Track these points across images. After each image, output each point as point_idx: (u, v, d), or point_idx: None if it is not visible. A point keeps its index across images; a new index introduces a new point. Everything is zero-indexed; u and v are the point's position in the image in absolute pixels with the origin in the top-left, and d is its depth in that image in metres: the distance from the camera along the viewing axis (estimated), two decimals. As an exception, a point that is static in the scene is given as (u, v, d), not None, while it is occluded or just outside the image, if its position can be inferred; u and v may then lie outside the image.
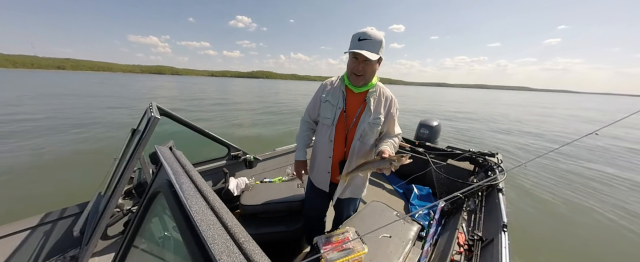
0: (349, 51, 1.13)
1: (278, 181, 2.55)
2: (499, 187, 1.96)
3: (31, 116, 9.16)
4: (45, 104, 12.80)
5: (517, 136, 10.03)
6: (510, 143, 8.63)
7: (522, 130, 11.62)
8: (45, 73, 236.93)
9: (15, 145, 5.74)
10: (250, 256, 0.40)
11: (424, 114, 16.02)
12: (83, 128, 7.66)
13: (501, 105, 29.97)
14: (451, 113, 17.79)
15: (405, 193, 2.85)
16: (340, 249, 1.11)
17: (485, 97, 66.84)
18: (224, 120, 10.39)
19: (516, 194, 4.25)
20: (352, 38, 1.12)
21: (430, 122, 3.26)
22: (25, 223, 1.25)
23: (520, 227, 3.18)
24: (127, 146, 1.57)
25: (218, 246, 0.40)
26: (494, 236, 1.51)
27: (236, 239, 0.43)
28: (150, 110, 1.25)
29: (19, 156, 5.09)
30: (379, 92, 1.28)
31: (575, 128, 13.69)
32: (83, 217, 1.32)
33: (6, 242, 1.19)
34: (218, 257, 0.38)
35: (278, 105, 17.63)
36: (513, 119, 15.97)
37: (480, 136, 9.77)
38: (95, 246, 1.05)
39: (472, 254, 1.50)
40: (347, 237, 1.19)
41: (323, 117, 1.31)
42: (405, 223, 1.39)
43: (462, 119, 14.78)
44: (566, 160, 6.39)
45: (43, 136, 6.63)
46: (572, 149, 7.31)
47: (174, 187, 0.60)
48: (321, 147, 1.36)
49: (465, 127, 11.71)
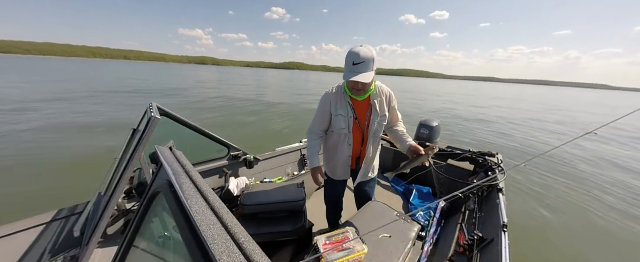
0: (345, 80, 1.27)
1: (278, 180, 2.56)
2: (499, 187, 1.96)
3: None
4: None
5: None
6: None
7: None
8: (115, 63, 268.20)
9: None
10: (250, 256, 0.40)
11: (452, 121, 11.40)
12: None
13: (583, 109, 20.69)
14: (500, 116, 12.73)
15: (405, 193, 2.85)
16: (340, 248, 1.10)
17: (550, 95, 51.21)
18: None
19: (516, 194, 4.25)
20: (346, 60, 1.23)
21: (430, 122, 3.26)
22: (25, 223, 1.25)
23: (520, 227, 3.19)
24: (127, 145, 1.57)
25: (218, 246, 0.40)
26: (494, 235, 1.51)
27: (236, 239, 0.43)
28: (150, 110, 1.25)
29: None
30: (379, 92, 1.44)
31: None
32: (83, 217, 1.32)
33: (7, 242, 1.19)
34: (218, 257, 0.38)
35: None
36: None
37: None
38: (95, 246, 1.05)
39: (472, 254, 1.50)
40: (347, 237, 1.19)
41: (338, 128, 1.48)
42: (405, 223, 1.39)
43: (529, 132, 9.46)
44: (567, 160, 6.40)
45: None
46: (573, 149, 7.31)
47: (174, 187, 0.60)
48: (340, 150, 1.55)
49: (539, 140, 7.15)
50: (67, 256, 1.28)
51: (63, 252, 1.30)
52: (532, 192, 4.35)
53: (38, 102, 10.10)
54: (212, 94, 16.74)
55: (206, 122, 8.44)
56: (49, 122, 7.09)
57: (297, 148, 2.91)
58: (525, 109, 19.36)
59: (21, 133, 6.00)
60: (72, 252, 1.31)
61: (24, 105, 9.17)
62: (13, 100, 10.09)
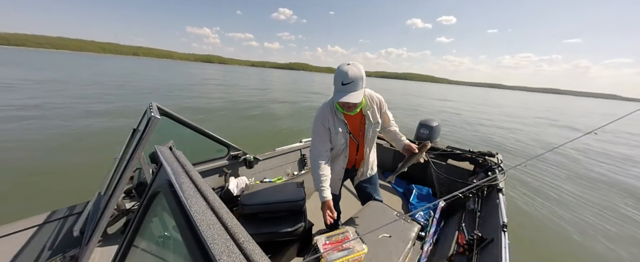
0: (337, 102, 1.28)
1: (278, 180, 2.55)
2: (499, 187, 1.96)
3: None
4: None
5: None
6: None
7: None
8: (124, 58, 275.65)
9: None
10: (250, 256, 0.40)
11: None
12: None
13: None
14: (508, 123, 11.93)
15: (405, 193, 2.85)
16: (340, 249, 1.11)
17: (557, 104, 49.97)
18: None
19: (516, 194, 4.25)
20: (335, 80, 1.21)
21: (430, 122, 3.26)
22: (25, 223, 1.25)
23: (520, 227, 3.19)
24: (127, 145, 1.57)
25: (218, 246, 0.40)
26: (494, 235, 1.51)
27: (236, 239, 0.43)
28: (150, 110, 1.25)
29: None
30: (370, 102, 1.44)
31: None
32: (83, 217, 1.32)
33: (6, 242, 1.19)
34: (218, 257, 0.38)
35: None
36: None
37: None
38: (95, 246, 1.04)
39: (472, 254, 1.50)
40: (347, 237, 1.19)
41: (336, 144, 1.48)
42: (405, 223, 1.39)
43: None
44: (567, 160, 6.39)
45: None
46: (573, 150, 7.31)
47: (174, 187, 0.60)
48: (335, 163, 1.56)
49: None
50: (67, 255, 1.28)
51: (63, 252, 1.30)
52: (532, 192, 4.35)
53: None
54: (215, 94, 16.76)
55: (208, 121, 8.40)
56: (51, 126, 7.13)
57: (297, 148, 2.91)
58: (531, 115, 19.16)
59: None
60: (72, 252, 1.31)
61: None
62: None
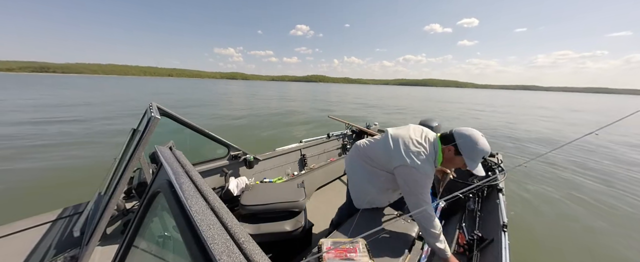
0: (472, 170, 1.21)
1: (278, 180, 2.55)
2: (499, 187, 1.96)
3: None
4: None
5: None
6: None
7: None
8: (161, 80, 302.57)
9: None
10: (250, 256, 0.40)
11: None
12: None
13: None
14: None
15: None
16: (343, 257, 1.07)
17: (606, 105, 41.20)
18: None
19: (516, 194, 4.25)
20: (477, 150, 1.15)
21: (430, 122, 3.25)
22: (25, 223, 1.25)
23: (520, 227, 3.18)
24: (127, 146, 1.57)
25: (218, 246, 0.40)
26: (494, 235, 1.51)
27: (236, 239, 0.43)
28: (150, 110, 1.25)
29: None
30: None
31: None
32: (83, 217, 1.32)
33: (7, 242, 1.19)
34: (218, 257, 0.38)
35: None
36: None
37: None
38: (95, 246, 1.04)
39: (472, 254, 1.50)
40: (355, 249, 1.12)
41: None
42: (406, 223, 1.39)
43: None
44: (568, 160, 6.39)
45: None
46: (573, 150, 7.31)
47: (174, 187, 0.60)
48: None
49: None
50: (67, 256, 1.28)
51: (63, 253, 1.30)
52: (532, 193, 4.35)
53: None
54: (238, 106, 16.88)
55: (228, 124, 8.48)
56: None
57: (297, 148, 2.91)
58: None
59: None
60: (72, 252, 1.31)
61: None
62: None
